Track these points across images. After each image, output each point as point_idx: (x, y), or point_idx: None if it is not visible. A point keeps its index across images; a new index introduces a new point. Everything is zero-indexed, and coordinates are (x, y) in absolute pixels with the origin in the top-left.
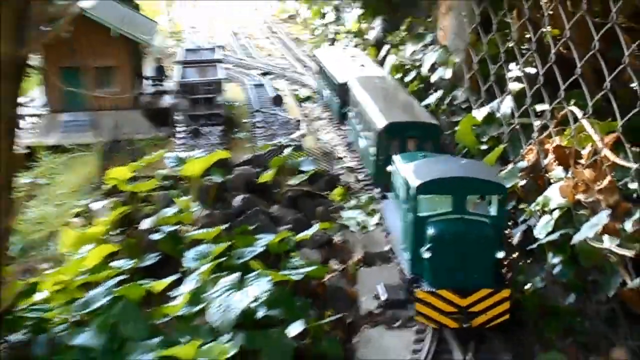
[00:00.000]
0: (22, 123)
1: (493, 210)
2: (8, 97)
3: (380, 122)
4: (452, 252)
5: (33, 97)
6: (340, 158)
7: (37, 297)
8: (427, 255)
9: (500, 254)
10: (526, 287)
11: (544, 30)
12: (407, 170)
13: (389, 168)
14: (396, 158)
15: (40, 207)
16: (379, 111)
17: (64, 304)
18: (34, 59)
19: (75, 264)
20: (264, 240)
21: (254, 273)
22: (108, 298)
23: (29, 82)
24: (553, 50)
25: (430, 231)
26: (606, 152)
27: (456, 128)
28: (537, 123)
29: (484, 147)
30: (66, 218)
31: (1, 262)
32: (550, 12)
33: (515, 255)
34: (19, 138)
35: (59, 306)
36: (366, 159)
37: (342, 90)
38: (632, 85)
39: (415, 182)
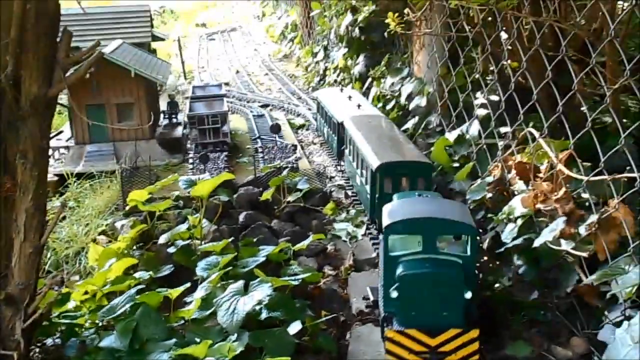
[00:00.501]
0: (53, 154)
1: (465, 250)
2: (38, 131)
3: (374, 162)
4: (419, 292)
5: (62, 131)
6: (332, 177)
7: (69, 305)
8: (394, 294)
9: (468, 294)
10: (496, 285)
11: (504, 63)
12: (385, 210)
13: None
14: (394, 197)
15: (70, 226)
16: (372, 151)
17: (92, 311)
18: (63, 98)
19: (101, 276)
20: (266, 251)
21: (257, 280)
22: (130, 305)
23: (59, 119)
24: (512, 80)
25: (399, 270)
26: (561, 167)
27: (431, 149)
28: (501, 143)
29: (456, 164)
30: (93, 236)
31: (37, 276)
32: (509, 48)
33: (485, 258)
34: (49, 167)
35: (87, 313)
36: (362, 197)
37: (340, 129)
38: (582, 108)
39: (385, 222)
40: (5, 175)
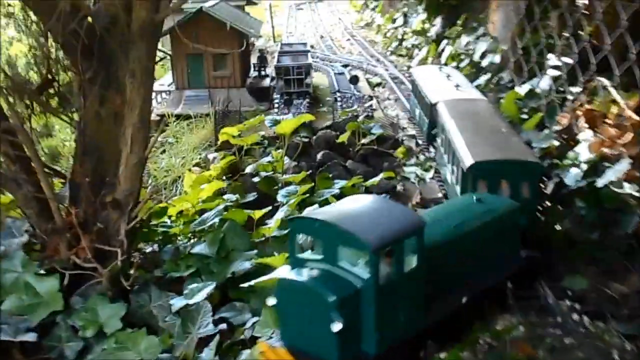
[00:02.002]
0: (156, 97)
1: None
2: (146, 53)
3: (467, 159)
4: (294, 305)
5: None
6: (404, 128)
7: (166, 219)
8: (271, 301)
9: (336, 327)
10: (556, 227)
11: (579, 18)
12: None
13: None
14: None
15: (169, 159)
16: (465, 144)
17: (185, 224)
18: (166, 49)
19: (194, 194)
20: (340, 184)
21: (332, 202)
22: (218, 219)
23: (160, 70)
24: (586, 38)
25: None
26: (630, 113)
27: (501, 101)
28: (571, 95)
29: (524, 116)
30: (188, 167)
31: (140, 185)
32: (585, 2)
33: (548, 203)
34: (153, 108)
35: (181, 225)
36: (452, 196)
37: (432, 111)
38: None
39: (292, 220)
40: (116, 93)
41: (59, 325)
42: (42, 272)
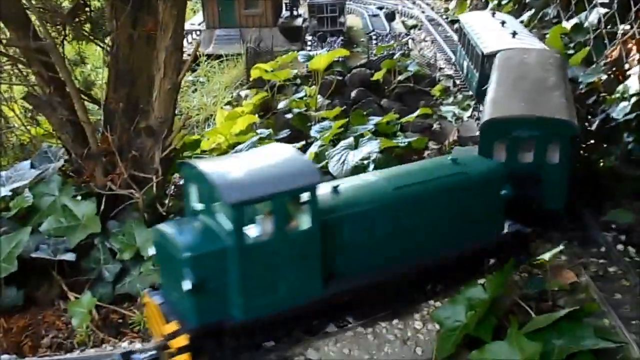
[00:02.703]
0: (187, 37)
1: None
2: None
3: (483, 117)
4: (165, 259)
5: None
6: (441, 68)
7: (199, 152)
8: (151, 251)
9: (187, 285)
10: (601, 163)
11: None
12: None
13: None
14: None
15: (200, 97)
16: (490, 100)
17: (218, 156)
18: None
19: (227, 126)
20: (374, 120)
21: (365, 137)
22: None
23: (191, 11)
24: None
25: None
26: None
27: (546, 37)
28: (621, 27)
29: (570, 51)
30: (220, 105)
31: (174, 112)
32: None
33: (592, 140)
34: (184, 48)
35: (214, 156)
36: None
37: (484, 64)
38: None
39: (181, 164)
40: (148, 15)
41: (96, 247)
42: (78, 196)
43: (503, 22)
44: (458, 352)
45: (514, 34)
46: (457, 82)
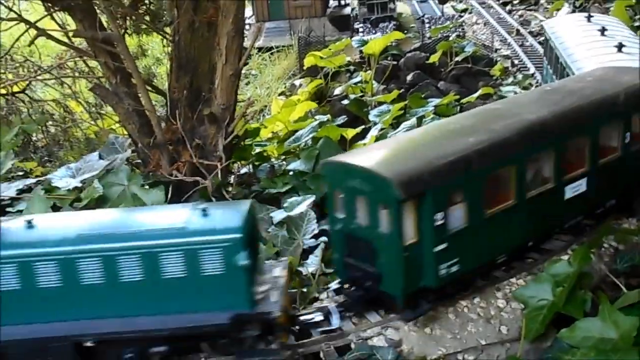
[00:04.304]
0: None
1: None
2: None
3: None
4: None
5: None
6: (497, 49)
7: (259, 140)
8: None
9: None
10: None
11: None
12: None
13: None
14: None
15: (254, 89)
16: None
17: (279, 143)
18: None
19: (285, 113)
20: (434, 102)
21: (428, 118)
22: (312, 135)
23: None
24: None
25: None
26: None
27: (610, 11)
28: None
29: (636, 24)
30: (273, 96)
31: (236, 99)
32: None
33: None
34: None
35: (275, 143)
36: None
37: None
38: None
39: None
40: (209, 1)
41: None
42: (146, 185)
43: (603, 30)
44: (545, 332)
45: (620, 46)
46: (516, 62)
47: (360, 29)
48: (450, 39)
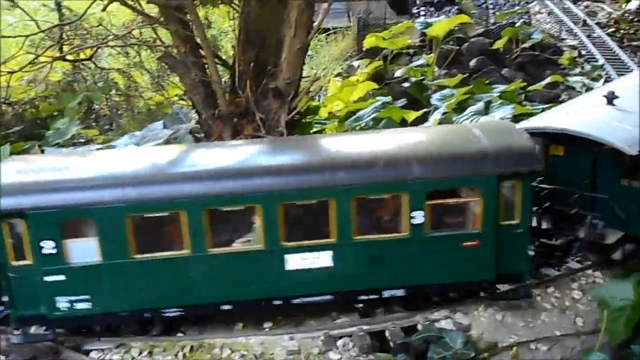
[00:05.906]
0: None
1: None
2: None
3: None
4: None
5: None
6: (563, 39)
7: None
8: None
9: None
10: None
11: None
12: None
13: None
14: None
15: (310, 70)
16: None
17: (340, 122)
18: None
19: (346, 94)
20: (499, 88)
21: (496, 103)
22: (374, 114)
23: None
24: None
25: None
26: None
27: None
28: None
29: None
30: (330, 77)
31: (301, 74)
32: None
33: None
34: None
35: (335, 122)
36: None
37: None
38: None
39: None
40: None
41: None
42: None
43: None
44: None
45: None
46: (583, 52)
47: (422, 12)
48: (517, 25)
